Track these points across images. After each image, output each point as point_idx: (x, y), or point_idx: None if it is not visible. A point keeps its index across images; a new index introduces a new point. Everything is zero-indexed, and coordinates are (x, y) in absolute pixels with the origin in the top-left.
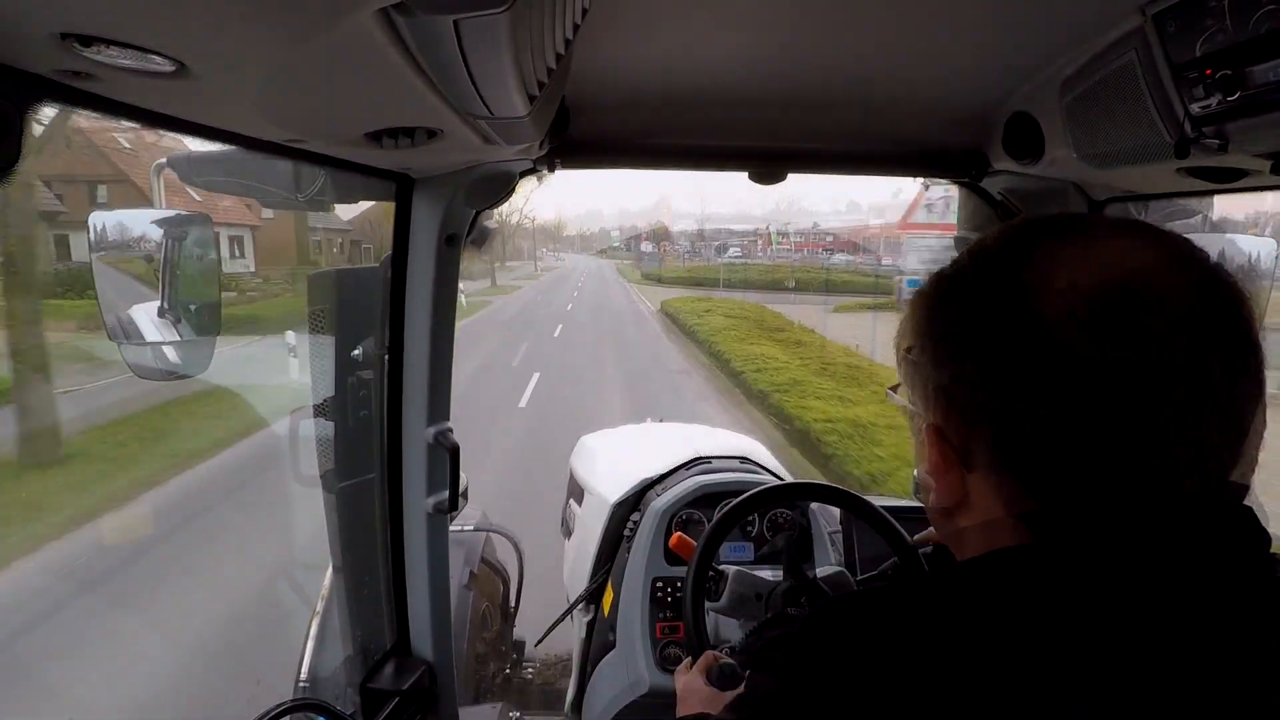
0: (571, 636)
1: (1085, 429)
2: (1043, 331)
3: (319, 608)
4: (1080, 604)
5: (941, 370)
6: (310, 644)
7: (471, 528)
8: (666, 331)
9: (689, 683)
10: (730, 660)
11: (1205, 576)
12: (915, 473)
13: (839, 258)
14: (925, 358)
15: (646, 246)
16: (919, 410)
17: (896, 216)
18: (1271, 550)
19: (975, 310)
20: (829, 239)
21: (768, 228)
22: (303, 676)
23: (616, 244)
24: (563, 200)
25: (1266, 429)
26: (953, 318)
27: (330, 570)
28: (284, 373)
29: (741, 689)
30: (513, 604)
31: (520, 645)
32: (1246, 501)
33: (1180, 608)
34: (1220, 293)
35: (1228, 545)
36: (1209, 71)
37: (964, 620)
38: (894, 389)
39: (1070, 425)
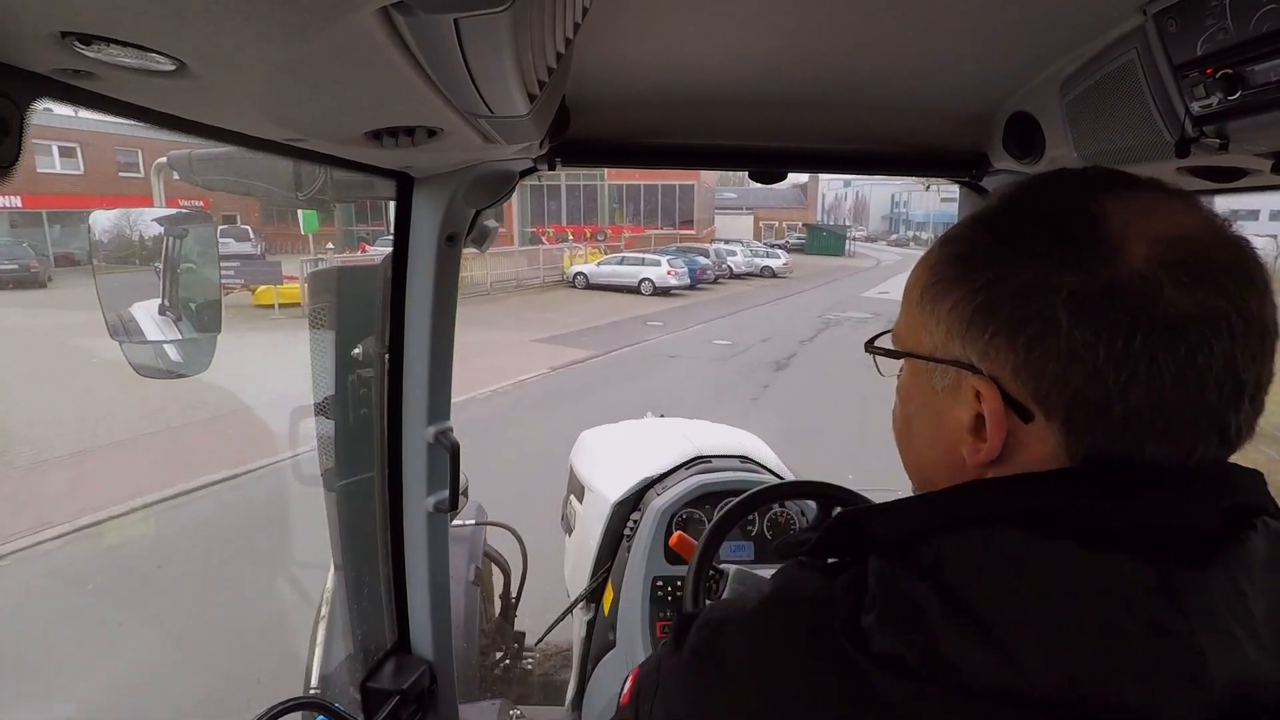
0: (572, 629)
1: (1157, 376)
2: (1132, 280)
3: (323, 611)
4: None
5: (1004, 319)
6: (319, 649)
7: (472, 522)
8: None
9: None
10: None
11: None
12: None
13: None
14: (978, 300)
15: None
16: (959, 361)
17: None
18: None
19: (1045, 251)
20: None
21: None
22: (313, 684)
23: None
24: None
25: None
26: (1018, 262)
27: (331, 569)
28: None
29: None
30: (514, 596)
31: (521, 636)
32: None
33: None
34: (1251, 255)
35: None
36: (1210, 70)
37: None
38: (874, 342)
39: (1137, 372)
